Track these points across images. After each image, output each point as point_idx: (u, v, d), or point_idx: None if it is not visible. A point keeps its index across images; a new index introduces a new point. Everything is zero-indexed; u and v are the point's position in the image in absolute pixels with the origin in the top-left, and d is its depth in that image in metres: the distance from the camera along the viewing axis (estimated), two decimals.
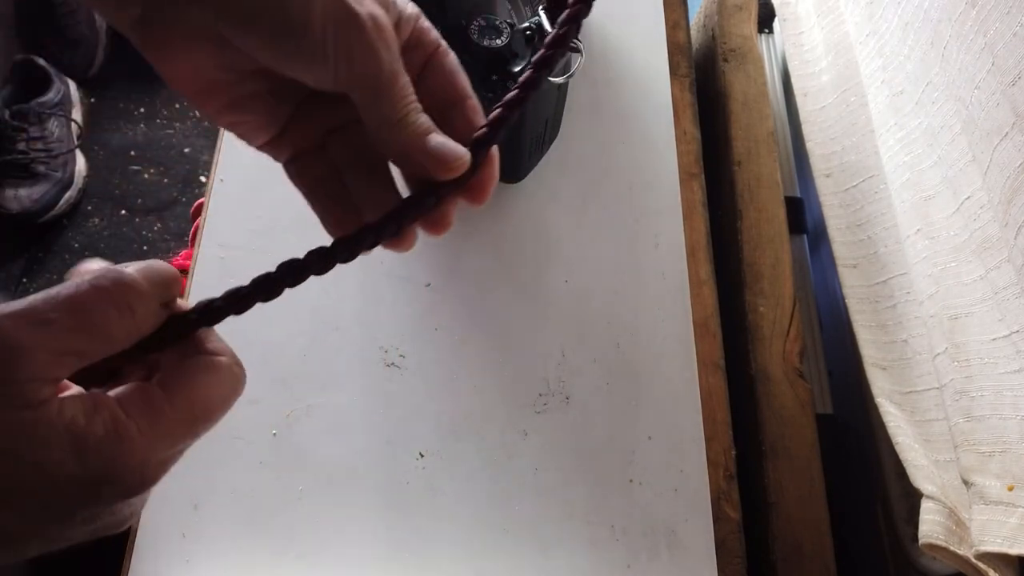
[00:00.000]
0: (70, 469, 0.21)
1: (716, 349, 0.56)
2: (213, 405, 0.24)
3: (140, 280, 0.23)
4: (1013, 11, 0.39)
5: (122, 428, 0.21)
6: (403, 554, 0.47)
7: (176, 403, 0.23)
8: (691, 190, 0.62)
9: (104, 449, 0.21)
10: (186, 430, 0.23)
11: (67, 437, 0.21)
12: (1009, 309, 0.42)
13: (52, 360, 0.21)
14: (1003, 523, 0.40)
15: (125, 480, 0.22)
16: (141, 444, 0.22)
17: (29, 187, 1.26)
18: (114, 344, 0.22)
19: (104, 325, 0.22)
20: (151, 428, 0.22)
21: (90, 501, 0.22)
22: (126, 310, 0.22)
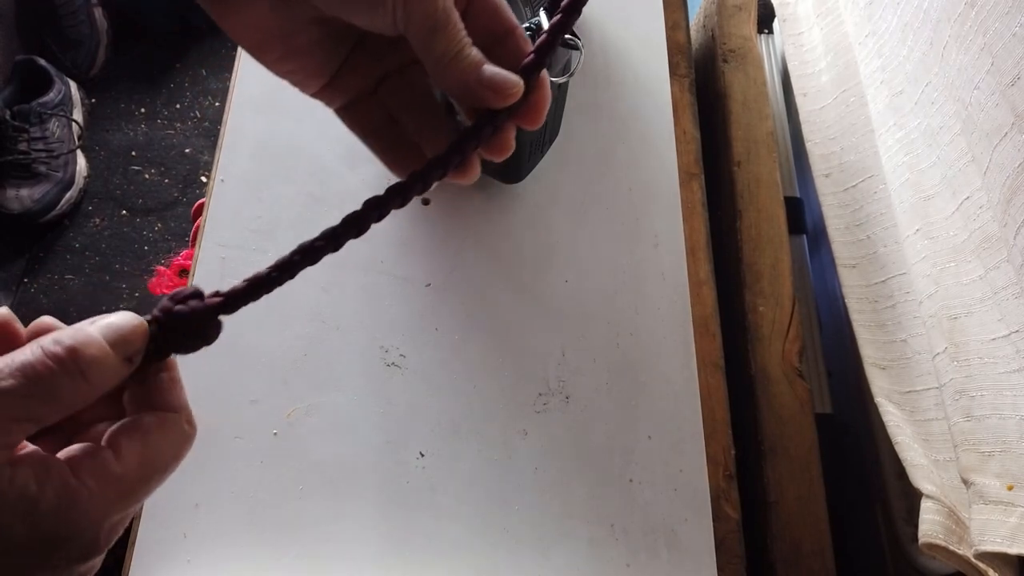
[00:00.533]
0: (20, 534, 0.21)
1: (716, 349, 0.56)
2: (163, 464, 0.24)
3: (95, 343, 0.23)
4: (1012, 11, 0.39)
5: (73, 493, 0.22)
6: (403, 554, 0.47)
7: (127, 464, 0.23)
8: (691, 190, 0.63)
9: (54, 515, 0.21)
10: (136, 489, 0.23)
11: (19, 504, 0.21)
12: (1008, 309, 0.42)
13: (7, 427, 0.21)
14: (1003, 522, 0.40)
15: (75, 544, 0.22)
16: (92, 507, 0.22)
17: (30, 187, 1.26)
18: (68, 408, 0.22)
19: (58, 391, 0.22)
20: (101, 491, 0.22)
21: (42, 566, 0.22)
22: (78, 376, 0.22)
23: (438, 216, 0.58)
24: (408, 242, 0.57)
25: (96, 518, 0.22)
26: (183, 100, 1.46)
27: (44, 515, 0.21)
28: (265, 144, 0.59)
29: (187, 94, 1.47)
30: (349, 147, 0.59)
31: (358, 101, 0.31)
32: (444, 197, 0.59)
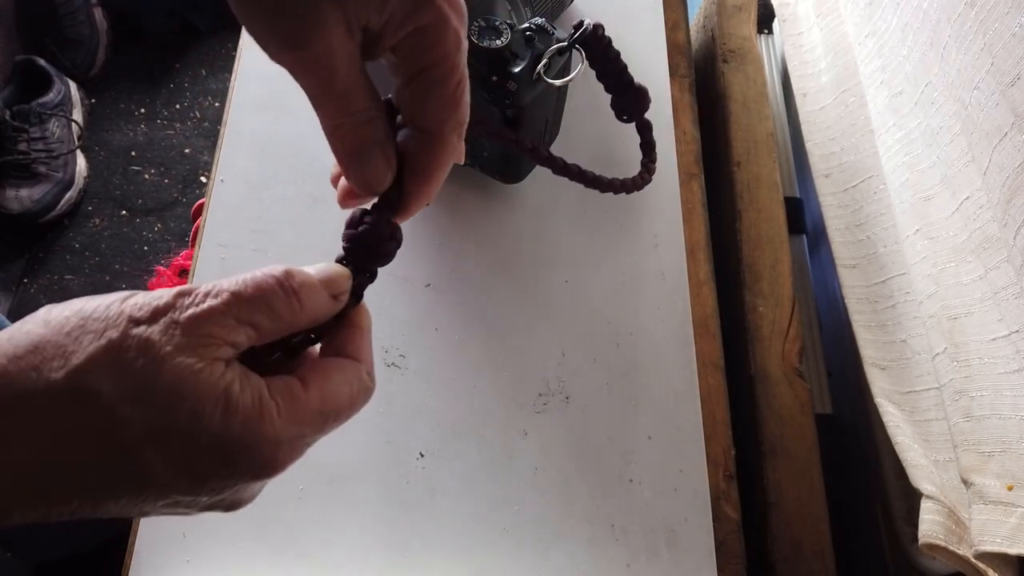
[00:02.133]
0: (216, 427, 0.22)
1: (716, 349, 0.56)
2: (340, 403, 0.26)
3: (307, 274, 0.26)
4: (1012, 11, 0.39)
5: (265, 404, 0.24)
6: (403, 554, 0.47)
7: (310, 394, 0.25)
8: (691, 190, 0.63)
9: (247, 417, 0.23)
10: (315, 421, 0.25)
11: (221, 397, 0.23)
12: (1008, 309, 0.42)
13: (234, 326, 0.24)
14: (1002, 523, 0.40)
15: (257, 454, 0.23)
16: (277, 423, 0.24)
17: (30, 187, 1.26)
18: (283, 323, 0.25)
19: (275, 304, 0.25)
20: (287, 411, 0.24)
21: (223, 468, 0.23)
22: (292, 296, 0.25)
23: (438, 216, 0.58)
24: (408, 242, 0.56)
25: (279, 433, 0.24)
26: (183, 100, 1.46)
27: (238, 414, 0.23)
28: (265, 144, 0.59)
29: (187, 94, 1.47)
30: None
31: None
32: (444, 197, 0.59)
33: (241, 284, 0.24)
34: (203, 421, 0.22)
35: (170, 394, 0.22)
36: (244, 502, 0.26)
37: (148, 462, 0.22)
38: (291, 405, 0.24)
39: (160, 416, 0.22)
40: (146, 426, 0.22)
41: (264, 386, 0.24)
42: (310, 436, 0.25)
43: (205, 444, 0.22)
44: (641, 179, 0.57)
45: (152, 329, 0.22)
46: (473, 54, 0.48)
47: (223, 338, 0.23)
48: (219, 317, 0.23)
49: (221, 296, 0.24)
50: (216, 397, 0.22)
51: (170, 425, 0.22)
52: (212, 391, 0.22)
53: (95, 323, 0.22)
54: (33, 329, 0.22)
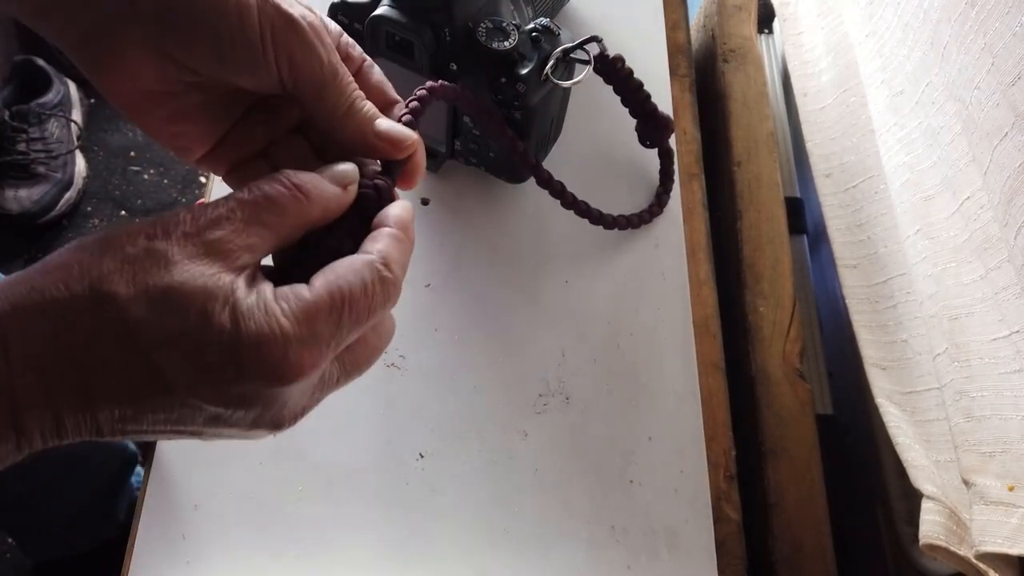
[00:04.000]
0: (225, 326, 0.23)
1: (716, 349, 0.56)
2: (353, 293, 0.25)
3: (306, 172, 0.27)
4: (1013, 11, 0.39)
5: (269, 305, 0.24)
6: (403, 554, 0.47)
7: (315, 289, 0.25)
8: (691, 190, 0.62)
9: (252, 316, 0.23)
10: (327, 317, 0.25)
11: (230, 298, 0.23)
12: (1009, 309, 0.42)
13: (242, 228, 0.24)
14: (1003, 523, 0.40)
15: (267, 354, 0.23)
16: (283, 321, 0.24)
17: (29, 188, 1.26)
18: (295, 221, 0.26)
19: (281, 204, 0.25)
20: (293, 310, 0.24)
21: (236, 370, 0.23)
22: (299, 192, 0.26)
23: (438, 216, 0.58)
24: None
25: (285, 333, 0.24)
26: None
27: (244, 314, 0.23)
28: None
29: None
30: None
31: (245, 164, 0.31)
32: (444, 197, 0.59)
33: (244, 190, 0.25)
34: (212, 322, 0.23)
35: (180, 296, 0.23)
36: (287, 419, 0.26)
37: (164, 364, 0.23)
38: (296, 303, 0.24)
39: (171, 318, 0.23)
40: (158, 327, 0.23)
41: (270, 289, 0.24)
42: (326, 333, 0.25)
43: (215, 344, 0.23)
44: (650, 213, 0.58)
45: (165, 241, 0.23)
46: (481, 56, 0.48)
47: (235, 242, 0.24)
48: (225, 222, 0.24)
49: (227, 204, 0.25)
50: (224, 298, 0.23)
51: (180, 326, 0.23)
52: (220, 294, 0.23)
53: (116, 241, 0.23)
54: (64, 251, 0.23)
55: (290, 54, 0.27)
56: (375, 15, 0.47)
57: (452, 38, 0.48)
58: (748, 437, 0.56)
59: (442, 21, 0.47)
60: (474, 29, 0.48)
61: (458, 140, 0.56)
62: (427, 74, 0.50)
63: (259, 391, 0.24)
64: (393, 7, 0.47)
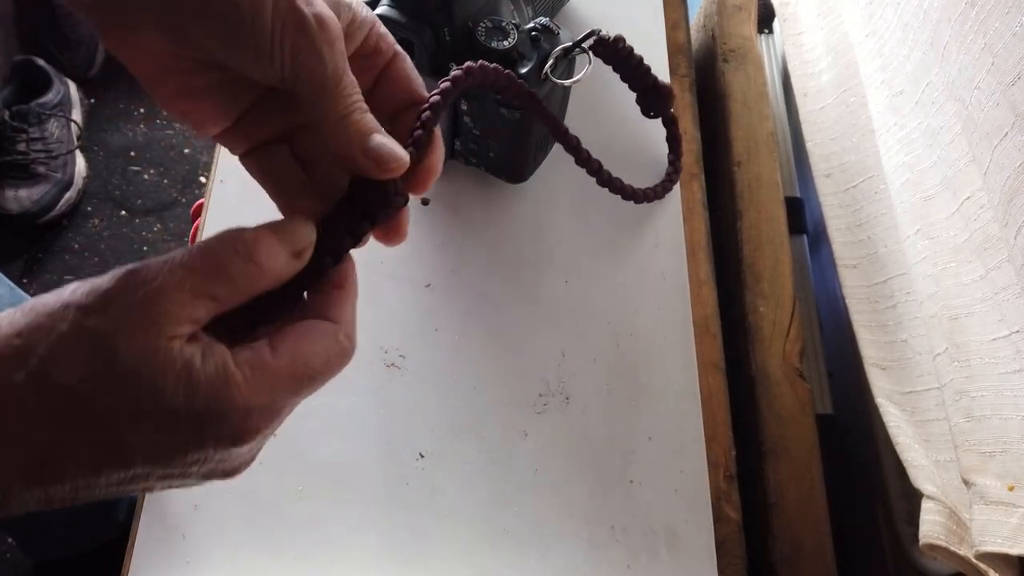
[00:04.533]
0: (180, 402, 0.23)
1: (716, 349, 0.56)
2: (314, 365, 0.25)
3: (260, 231, 0.26)
4: (1013, 11, 0.39)
5: (229, 373, 0.23)
6: (403, 554, 0.47)
7: (279, 357, 0.25)
8: (691, 190, 0.62)
9: (210, 389, 0.23)
10: (287, 385, 0.25)
11: (182, 372, 0.23)
12: (1009, 309, 0.42)
13: (190, 301, 0.23)
14: (1004, 523, 0.40)
15: (226, 422, 0.23)
16: (244, 390, 0.23)
17: (29, 188, 1.26)
18: (241, 288, 0.25)
19: (230, 269, 0.24)
20: (254, 377, 0.24)
21: (195, 440, 0.23)
22: (248, 257, 0.25)
23: (438, 216, 0.58)
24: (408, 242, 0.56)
25: (247, 400, 0.24)
26: None
27: (201, 386, 0.23)
28: None
29: None
30: None
31: (262, 147, 0.31)
32: (444, 197, 0.59)
33: (192, 256, 0.24)
34: (166, 398, 0.22)
35: (129, 377, 0.22)
36: (240, 468, 0.26)
37: (126, 441, 0.23)
38: (259, 371, 0.24)
39: (126, 400, 0.22)
40: (115, 410, 0.22)
41: (228, 355, 0.24)
42: (284, 400, 0.25)
43: (173, 419, 0.23)
44: (663, 187, 0.59)
45: (102, 318, 0.22)
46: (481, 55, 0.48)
47: (179, 315, 0.23)
48: (172, 294, 0.23)
49: (173, 272, 0.23)
50: (176, 373, 0.22)
51: (136, 406, 0.22)
52: (172, 368, 0.22)
53: (46, 319, 0.22)
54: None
55: (295, 52, 0.26)
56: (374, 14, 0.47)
57: (452, 38, 0.48)
58: (748, 437, 0.56)
59: (442, 21, 0.47)
60: (474, 29, 0.48)
61: (458, 140, 0.56)
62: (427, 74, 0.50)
63: (216, 454, 0.24)
64: (392, 7, 0.47)
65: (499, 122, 0.52)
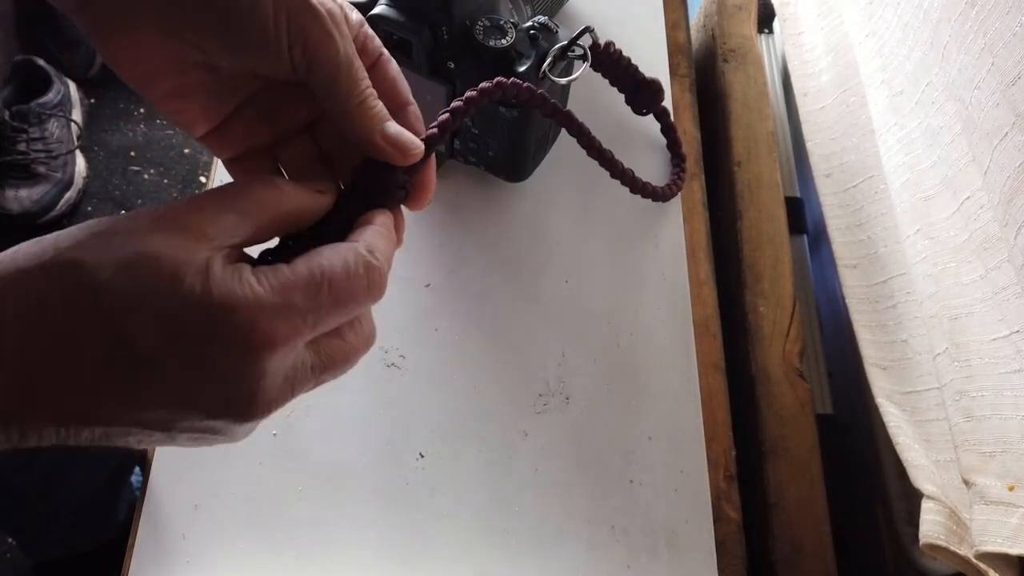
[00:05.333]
0: (196, 290, 0.22)
1: (716, 349, 0.56)
2: (334, 273, 0.25)
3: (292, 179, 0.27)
4: (1013, 11, 0.39)
5: (244, 276, 0.23)
6: (403, 554, 0.47)
7: (296, 269, 0.24)
8: (691, 190, 0.62)
9: (226, 283, 0.23)
10: (305, 290, 0.24)
11: (203, 268, 0.23)
12: (1009, 309, 0.42)
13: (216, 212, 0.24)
14: (1004, 523, 0.40)
15: (239, 317, 0.23)
16: (256, 287, 0.23)
17: (29, 188, 1.26)
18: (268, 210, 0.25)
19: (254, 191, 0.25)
20: (268, 280, 0.24)
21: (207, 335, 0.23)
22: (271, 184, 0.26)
23: (438, 216, 0.58)
24: (408, 242, 0.57)
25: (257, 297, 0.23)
26: None
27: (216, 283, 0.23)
28: None
29: None
30: None
31: (249, 155, 0.31)
32: (444, 197, 0.59)
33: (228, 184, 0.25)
34: (183, 285, 0.22)
35: (151, 261, 0.22)
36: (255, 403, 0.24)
37: (132, 332, 0.22)
38: (274, 274, 0.24)
39: (140, 283, 0.22)
40: (126, 292, 0.22)
41: (247, 267, 0.24)
42: (302, 306, 0.24)
43: (186, 307, 0.22)
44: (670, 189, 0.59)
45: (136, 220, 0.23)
46: (479, 54, 0.48)
47: (209, 224, 0.24)
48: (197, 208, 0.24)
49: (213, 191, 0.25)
50: (197, 268, 0.22)
51: (149, 290, 0.22)
52: (194, 262, 0.23)
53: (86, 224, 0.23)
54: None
55: (305, 39, 0.26)
56: (372, 14, 0.47)
57: (450, 37, 0.48)
58: (748, 437, 0.56)
59: (440, 20, 0.47)
60: (472, 27, 0.48)
61: (458, 140, 0.56)
62: (425, 74, 0.50)
63: (229, 360, 0.23)
64: (391, 6, 0.47)
65: (498, 121, 0.52)
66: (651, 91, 0.58)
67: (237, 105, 0.30)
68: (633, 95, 0.58)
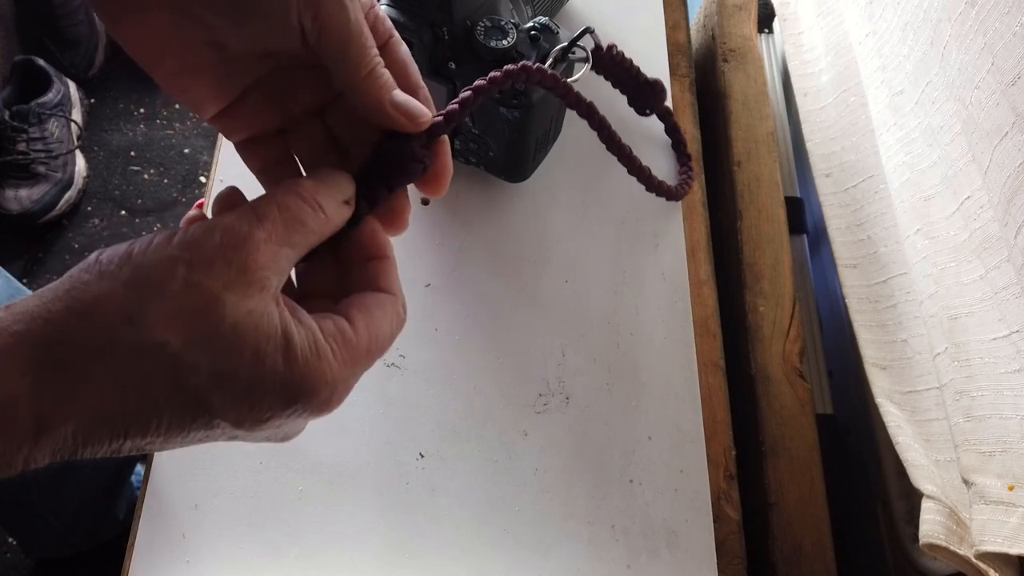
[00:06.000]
0: (279, 369, 0.23)
1: (716, 349, 0.56)
2: (384, 340, 0.27)
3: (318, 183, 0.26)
4: (1013, 11, 0.39)
5: (321, 346, 0.24)
6: (403, 554, 0.47)
7: (359, 335, 0.25)
8: (691, 190, 0.62)
9: (306, 360, 0.23)
10: (364, 358, 0.26)
11: (281, 340, 0.23)
12: (1009, 309, 0.42)
13: (275, 251, 0.24)
14: (1003, 523, 0.40)
15: (317, 395, 0.24)
16: (334, 366, 0.24)
17: (29, 188, 1.26)
18: (313, 235, 0.25)
19: (304, 218, 0.25)
20: (342, 354, 0.25)
21: (285, 410, 0.24)
22: (318, 207, 0.25)
23: (438, 216, 0.58)
24: (408, 242, 0.57)
25: (335, 376, 0.24)
26: None
27: (297, 357, 0.23)
28: None
29: None
30: None
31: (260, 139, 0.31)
32: (444, 197, 0.59)
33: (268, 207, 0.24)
34: (266, 364, 0.23)
35: (232, 339, 0.22)
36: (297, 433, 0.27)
37: (215, 405, 0.23)
38: (345, 347, 0.25)
39: (224, 361, 0.22)
40: (211, 371, 0.22)
41: (317, 328, 0.24)
42: (360, 371, 0.26)
43: (268, 386, 0.23)
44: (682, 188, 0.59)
45: (206, 274, 0.22)
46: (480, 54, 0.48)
47: (269, 267, 0.23)
48: (263, 247, 0.23)
49: (261, 224, 0.24)
50: (276, 340, 0.23)
51: (234, 369, 0.22)
52: (272, 333, 0.23)
53: (150, 272, 0.22)
54: (91, 281, 0.23)
55: (315, 6, 0.26)
56: None
57: (451, 37, 0.48)
58: (748, 437, 0.56)
59: (441, 20, 0.47)
60: (472, 28, 0.48)
61: (458, 140, 0.56)
62: (426, 73, 0.50)
63: (296, 421, 0.25)
64: (391, 6, 0.47)
65: (498, 121, 0.52)
66: (654, 91, 0.58)
67: (246, 87, 0.30)
68: (636, 96, 0.58)
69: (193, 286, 0.22)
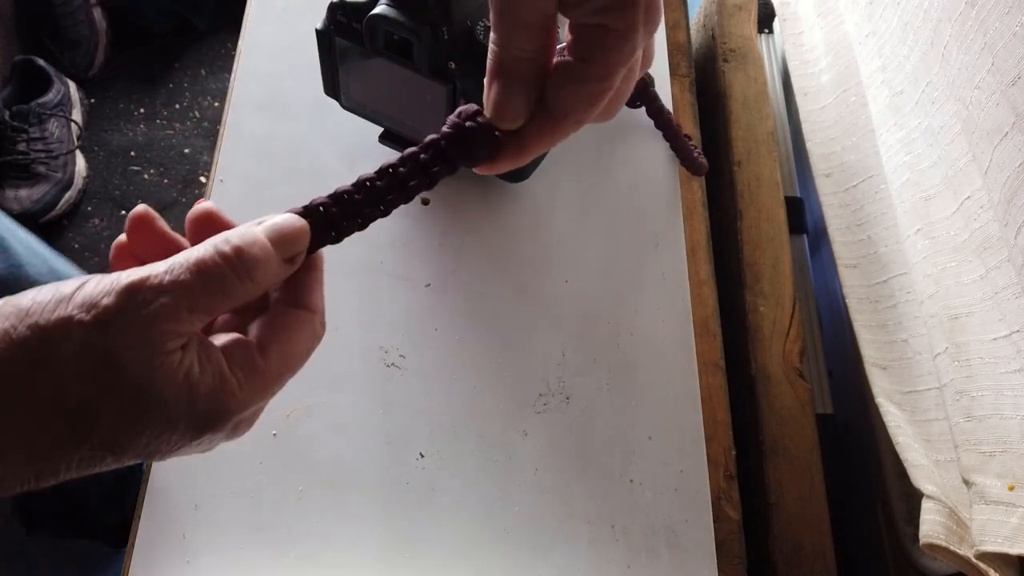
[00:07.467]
0: (182, 409, 0.24)
1: (716, 349, 0.56)
2: (298, 360, 0.27)
3: (259, 243, 0.25)
4: (1013, 11, 0.39)
5: (225, 380, 0.25)
6: (403, 554, 0.47)
7: (270, 359, 0.26)
8: (691, 190, 0.62)
9: (209, 397, 0.24)
10: (273, 384, 0.26)
11: (184, 383, 0.24)
12: (1009, 309, 0.42)
13: (183, 316, 0.24)
14: (1004, 523, 0.40)
15: (224, 426, 0.25)
16: (240, 397, 0.25)
17: (29, 188, 1.26)
18: (235, 303, 0.25)
19: (227, 287, 0.25)
20: (248, 382, 0.25)
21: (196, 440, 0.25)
22: (245, 276, 0.25)
23: (438, 216, 0.58)
24: (408, 242, 0.57)
25: (239, 406, 0.25)
26: (182, 100, 1.46)
27: (201, 397, 0.24)
28: (265, 144, 0.59)
29: (186, 94, 1.47)
30: (349, 147, 0.59)
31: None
32: (444, 197, 0.59)
33: (190, 273, 0.24)
34: (170, 409, 0.24)
35: (136, 391, 0.23)
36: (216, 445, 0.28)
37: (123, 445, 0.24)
38: (252, 377, 0.25)
39: (132, 411, 0.23)
40: (121, 417, 0.23)
41: (223, 361, 0.25)
42: (269, 396, 0.27)
43: (173, 426, 0.24)
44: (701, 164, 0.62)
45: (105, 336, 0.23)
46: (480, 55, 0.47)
47: (177, 331, 0.24)
48: (171, 313, 0.23)
49: (171, 293, 0.23)
50: (179, 385, 0.24)
51: (142, 416, 0.23)
52: (175, 380, 0.23)
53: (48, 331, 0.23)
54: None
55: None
56: (373, 14, 0.47)
57: (451, 37, 0.48)
58: (748, 436, 0.56)
59: (440, 20, 0.47)
60: (472, 28, 0.48)
61: None
62: (426, 74, 0.50)
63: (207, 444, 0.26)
64: (391, 6, 0.47)
65: None
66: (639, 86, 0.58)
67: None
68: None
69: (89, 345, 0.23)
